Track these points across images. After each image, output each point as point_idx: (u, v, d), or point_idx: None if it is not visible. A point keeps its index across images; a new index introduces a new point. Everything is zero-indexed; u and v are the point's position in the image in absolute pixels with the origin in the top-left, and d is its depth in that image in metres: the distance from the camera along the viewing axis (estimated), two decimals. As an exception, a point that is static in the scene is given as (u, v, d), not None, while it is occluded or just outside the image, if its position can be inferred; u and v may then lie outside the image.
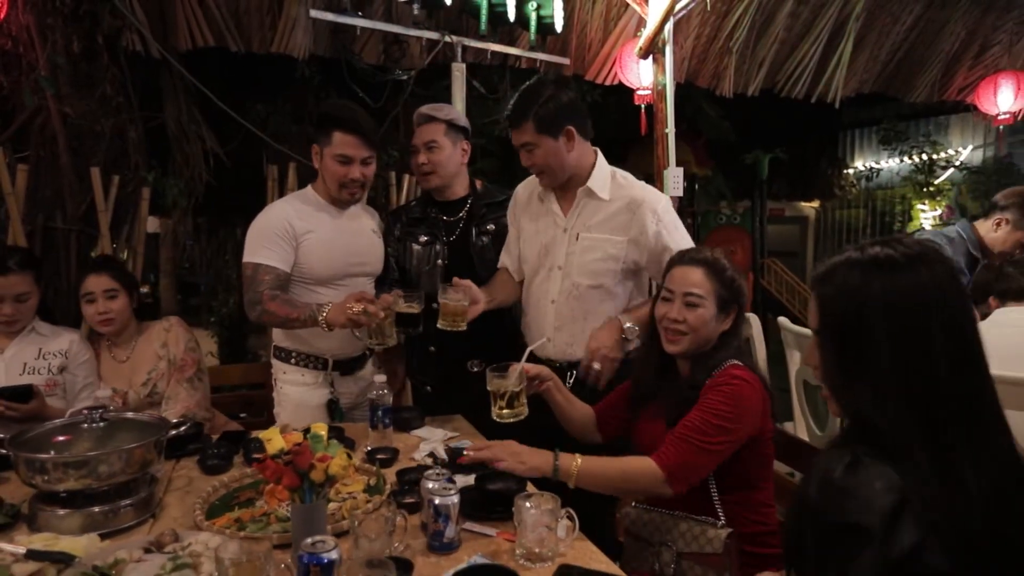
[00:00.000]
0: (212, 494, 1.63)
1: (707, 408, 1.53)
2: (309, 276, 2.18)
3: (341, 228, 2.24)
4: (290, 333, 2.26)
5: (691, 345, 1.65)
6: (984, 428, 0.93)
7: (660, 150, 3.49)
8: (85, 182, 3.07)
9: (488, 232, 2.35)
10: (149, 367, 2.29)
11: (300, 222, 2.16)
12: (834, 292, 1.00)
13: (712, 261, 1.67)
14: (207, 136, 3.80)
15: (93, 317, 2.26)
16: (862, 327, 0.95)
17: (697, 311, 1.63)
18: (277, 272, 2.11)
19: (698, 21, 4.20)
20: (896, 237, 1.05)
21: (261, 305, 2.06)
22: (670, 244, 2.00)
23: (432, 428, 2.18)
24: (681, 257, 1.71)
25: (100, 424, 1.53)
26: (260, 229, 2.16)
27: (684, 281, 1.66)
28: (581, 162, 2.03)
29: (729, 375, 1.57)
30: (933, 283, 0.94)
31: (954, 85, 5.18)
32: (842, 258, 1.02)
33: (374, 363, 2.45)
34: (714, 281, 1.64)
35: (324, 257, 2.19)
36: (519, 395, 1.71)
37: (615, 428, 1.88)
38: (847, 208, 10.58)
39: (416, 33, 3.25)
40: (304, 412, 2.26)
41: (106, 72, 3.19)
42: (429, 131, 2.29)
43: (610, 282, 2.05)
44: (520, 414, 1.72)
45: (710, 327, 1.64)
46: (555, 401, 1.86)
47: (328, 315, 1.96)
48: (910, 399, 0.91)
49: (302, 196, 2.28)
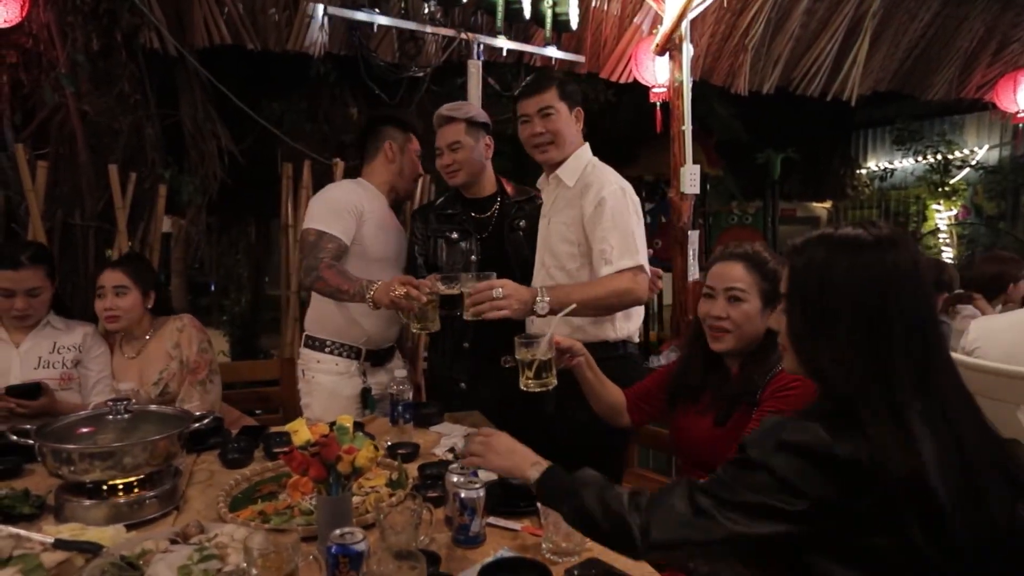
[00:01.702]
0: (234, 487, 1.63)
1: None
2: (363, 253, 2.27)
3: (388, 217, 2.41)
4: (326, 322, 2.32)
5: (737, 343, 1.63)
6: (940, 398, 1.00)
7: (676, 148, 3.47)
8: (103, 179, 3.09)
9: (520, 228, 2.35)
10: (161, 366, 2.28)
11: (366, 203, 2.30)
12: (803, 263, 1.08)
13: (752, 254, 1.65)
14: (222, 134, 3.80)
15: (100, 312, 2.26)
16: (824, 298, 1.04)
17: (741, 307, 1.61)
18: (339, 243, 2.19)
19: (713, 18, 4.18)
20: (871, 221, 1.13)
21: (317, 271, 2.10)
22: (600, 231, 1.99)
23: (451, 424, 2.18)
24: (720, 255, 1.69)
25: (125, 416, 1.53)
26: (331, 200, 2.28)
27: (724, 277, 1.64)
28: (572, 147, 2.14)
29: (788, 378, 1.54)
30: (895, 265, 1.02)
31: (972, 83, 5.13)
32: (816, 233, 1.10)
33: (400, 357, 2.48)
34: (756, 274, 1.62)
35: (379, 239, 2.32)
36: (548, 365, 1.69)
37: (647, 415, 1.87)
38: (860, 208, 10.48)
39: (432, 30, 3.25)
40: (337, 402, 2.28)
41: (124, 69, 3.21)
42: (450, 132, 2.31)
43: (572, 266, 2.09)
44: (548, 384, 1.70)
45: (755, 322, 1.62)
46: (585, 378, 1.85)
47: (375, 293, 1.99)
48: (866, 365, 1.00)
49: (362, 183, 2.42)
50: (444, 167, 2.33)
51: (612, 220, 2.02)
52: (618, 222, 2.02)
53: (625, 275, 2.00)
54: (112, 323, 2.26)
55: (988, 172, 8.28)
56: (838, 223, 1.12)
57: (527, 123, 2.15)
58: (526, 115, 2.14)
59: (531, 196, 2.43)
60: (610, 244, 2.00)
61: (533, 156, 2.22)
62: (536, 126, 2.11)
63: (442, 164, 2.34)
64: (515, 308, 1.84)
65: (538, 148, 2.15)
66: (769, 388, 1.58)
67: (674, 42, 3.48)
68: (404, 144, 2.42)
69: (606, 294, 1.98)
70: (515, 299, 1.84)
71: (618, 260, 1.99)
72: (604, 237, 2.01)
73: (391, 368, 2.43)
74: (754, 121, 8.49)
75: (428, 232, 2.38)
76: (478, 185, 2.38)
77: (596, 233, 2.03)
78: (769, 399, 1.56)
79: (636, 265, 2.01)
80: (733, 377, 1.68)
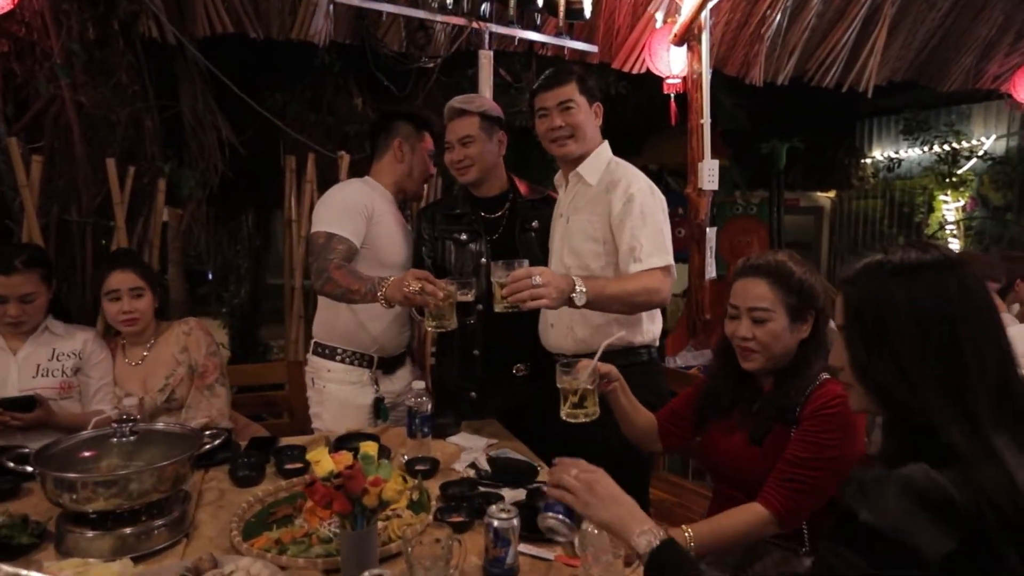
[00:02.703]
0: (247, 510, 1.53)
1: (815, 441, 1.43)
2: (374, 257, 2.17)
3: (398, 220, 2.31)
4: (334, 328, 2.23)
5: (767, 362, 1.54)
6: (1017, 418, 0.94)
7: (695, 142, 3.35)
8: (100, 173, 2.98)
9: (532, 229, 2.25)
10: (167, 371, 2.19)
11: (376, 204, 2.20)
12: (860, 294, 1.02)
13: (775, 267, 1.55)
14: (223, 125, 3.68)
15: (117, 316, 2.16)
16: (887, 329, 0.98)
17: (766, 326, 1.52)
18: (350, 244, 2.09)
19: (728, 6, 4.05)
20: (922, 241, 1.08)
21: (327, 272, 2.01)
22: (628, 228, 1.92)
23: (468, 435, 2.09)
24: (742, 268, 1.60)
25: (130, 439, 1.43)
26: (340, 201, 2.18)
27: (747, 295, 1.55)
28: (593, 143, 2.07)
29: (829, 394, 1.46)
30: (958, 287, 0.96)
31: (989, 73, 5.01)
32: (868, 261, 1.03)
33: (412, 362, 2.39)
34: (780, 290, 1.52)
35: (391, 242, 2.23)
36: (591, 394, 1.61)
37: (677, 438, 1.79)
38: (864, 199, 10.38)
39: (442, 19, 3.13)
40: (349, 413, 2.19)
41: (122, 59, 3.09)
42: (463, 125, 2.19)
43: (596, 265, 2.01)
44: (592, 414, 1.61)
45: (783, 340, 1.53)
46: (619, 404, 1.76)
47: (387, 290, 1.89)
48: (943, 394, 0.93)
49: (370, 184, 2.31)
50: (454, 163, 2.22)
51: (642, 217, 1.94)
52: (648, 220, 1.95)
53: (656, 273, 1.92)
54: (131, 326, 2.18)
55: (996, 163, 8.18)
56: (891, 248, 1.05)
57: (545, 117, 2.07)
58: (544, 108, 2.06)
59: (545, 195, 2.33)
60: (640, 242, 1.92)
61: (550, 150, 2.13)
62: (555, 120, 2.04)
63: (452, 159, 2.22)
64: (553, 297, 1.72)
65: (556, 142, 2.07)
66: (809, 406, 1.49)
67: (693, 32, 3.35)
68: (416, 143, 2.31)
69: (638, 290, 1.90)
70: (554, 287, 1.72)
71: (648, 258, 1.92)
72: (634, 235, 1.93)
73: (403, 375, 2.34)
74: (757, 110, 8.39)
75: (435, 233, 2.27)
76: (489, 183, 2.26)
77: (625, 231, 1.94)
78: (810, 418, 1.47)
79: (666, 265, 1.94)
80: (766, 394, 1.59)
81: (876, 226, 10.30)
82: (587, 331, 2.03)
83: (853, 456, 1.45)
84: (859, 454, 1.46)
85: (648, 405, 1.84)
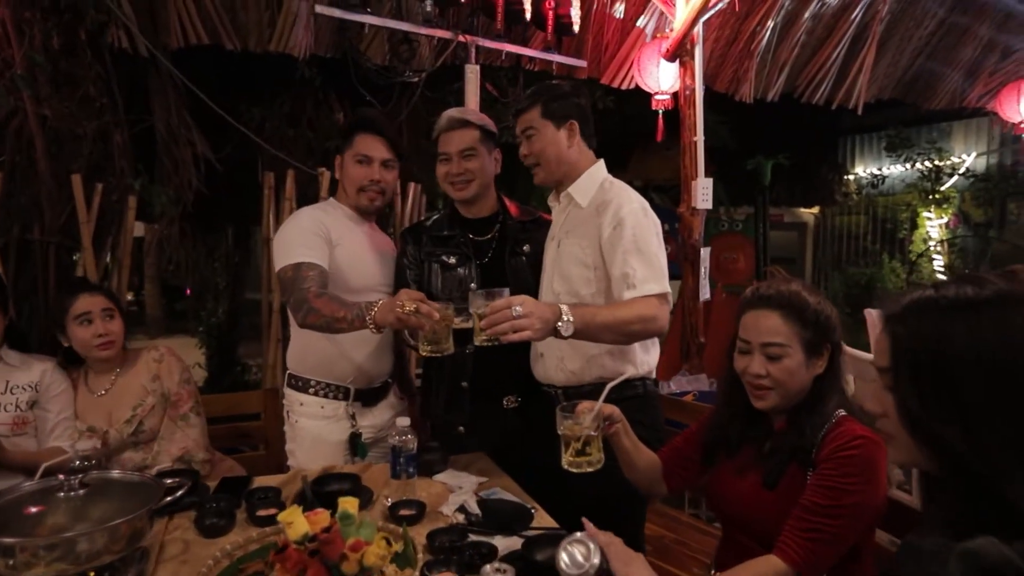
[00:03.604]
0: (213, 567, 1.38)
1: (834, 486, 1.31)
2: (341, 281, 2.02)
3: (366, 240, 2.14)
4: (308, 356, 2.09)
5: (781, 400, 1.43)
6: None
7: (688, 159, 3.26)
8: (65, 190, 2.83)
9: (523, 253, 2.12)
10: (134, 402, 2.04)
11: (333, 228, 2.05)
12: (911, 334, 0.91)
13: (788, 298, 1.43)
14: (198, 140, 3.53)
15: (91, 340, 2.00)
16: (945, 372, 0.87)
17: (781, 363, 1.41)
18: (320, 268, 1.95)
19: (718, 23, 4.00)
20: (976, 275, 0.96)
21: (308, 303, 1.86)
22: (620, 253, 1.80)
23: (457, 472, 1.95)
24: (752, 299, 1.48)
25: (78, 492, 1.28)
26: (295, 230, 2.04)
27: (759, 329, 1.43)
28: (578, 164, 1.95)
29: (848, 435, 1.34)
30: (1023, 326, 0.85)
31: (974, 92, 5.02)
32: (918, 296, 0.93)
33: (395, 394, 2.23)
34: (795, 323, 1.41)
35: (356, 266, 2.07)
36: (595, 439, 1.48)
37: (683, 480, 1.66)
38: (848, 215, 10.44)
39: (427, 32, 3.02)
40: (323, 449, 2.05)
41: (89, 71, 2.94)
42: (464, 137, 2.05)
43: (586, 292, 1.89)
44: (596, 463, 1.48)
45: (799, 377, 1.42)
46: (621, 446, 1.62)
47: (377, 314, 1.75)
48: (1007, 442, 0.83)
49: (326, 206, 2.18)
50: (453, 176, 2.06)
51: (634, 242, 1.82)
52: (640, 244, 1.82)
53: (651, 301, 1.79)
54: (107, 349, 2.03)
55: (977, 180, 8.25)
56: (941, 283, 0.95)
57: (520, 144, 2.00)
58: (517, 135, 2.00)
59: (536, 217, 2.20)
60: (633, 267, 1.80)
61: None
62: (522, 147, 1.97)
63: (450, 172, 2.06)
64: (537, 328, 1.59)
65: (531, 170, 2.00)
66: (826, 447, 1.38)
67: (685, 47, 3.28)
68: (345, 149, 2.13)
69: (632, 317, 1.76)
70: (537, 317, 1.59)
71: (642, 285, 1.79)
72: (626, 260, 1.80)
73: (385, 408, 2.18)
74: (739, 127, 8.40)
75: (421, 255, 2.12)
76: (481, 203, 2.13)
77: (616, 256, 1.82)
78: (828, 460, 1.36)
79: (662, 292, 1.82)
80: (779, 432, 1.48)
81: (860, 242, 10.34)
82: (579, 362, 1.91)
83: (876, 501, 1.34)
84: (882, 499, 1.35)
85: (645, 442, 1.72)
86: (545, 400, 1.99)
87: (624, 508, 1.87)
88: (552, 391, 1.97)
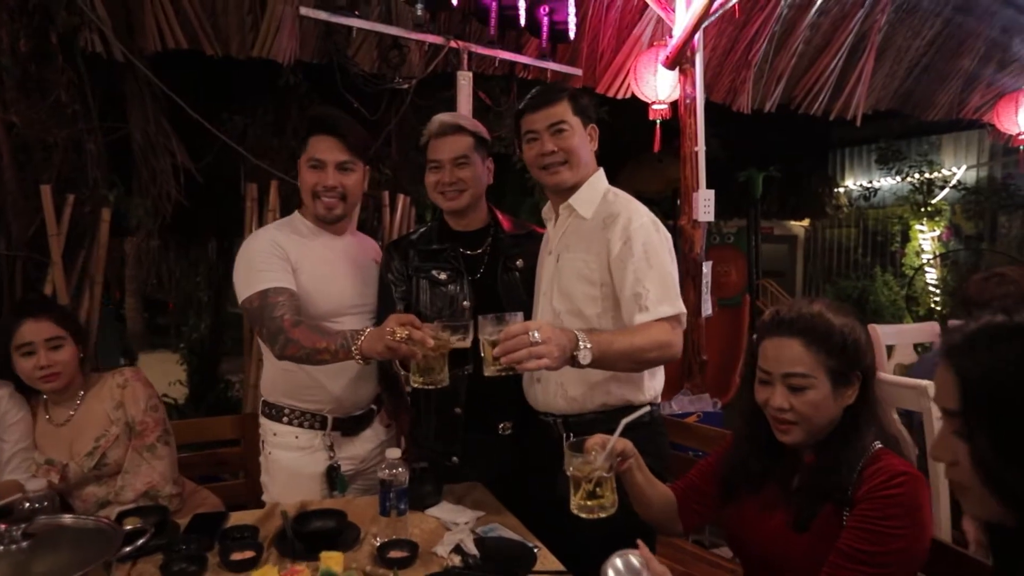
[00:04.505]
0: (179, 625, 1.23)
1: (876, 530, 1.18)
2: (309, 310, 1.82)
3: (337, 255, 1.93)
4: (280, 383, 1.91)
5: (807, 435, 1.30)
6: None
7: (688, 170, 3.15)
8: (33, 201, 2.66)
9: (516, 268, 1.97)
10: (97, 432, 1.88)
11: (292, 249, 1.85)
12: (981, 370, 0.81)
13: (811, 323, 1.30)
14: (178, 150, 3.38)
15: (32, 373, 1.84)
16: None
17: (805, 395, 1.28)
18: (289, 291, 1.77)
19: (715, 32, 3.91)
20: None
21: (284, 334, 1.68)
22: (631, 271, 1.66)
23: (451, 505, 1.80)
24: (771, 324, 1.34)
25: (22, 545, 1.12)
26: (252, 255, 1.84)
27: (780, 359, 1.30)
28: (587, 171, 1.82)
29: (888, 471, 1.21)
30: None
31: (971, 103, 4.97)
32: (985, 324, 0.81)
33: (382, 421, 2.06)
34: (819, 352, 1.28)
35: (322, 290, 1.87)
36: (608, 480, 1.33)
37: (700, 517, 1.52)
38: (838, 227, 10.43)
39: (418, 37, 2.90)
40: (298, 483, 1.88)
41: (60, 76, 2.78)
42: (457, 144, 1.90)
43: (590, 311, 1.75)
44: (610, 507, 1.33)
45: (826, 410, 1.29)
46: (634, 483, 1.48)
47: (363, 343, 1.59)
48: None
49: (288, 223, 1.97)
50: (445, 185, 1.91)
51: (646, 259, 1.68)
52: (653, 262, 1.69)
53: (664, 325, 1.66)
54: (51, 382, 1.86)
55: (968, 192, 8.25)
56: (1011, 307, 0.84)
57: (535, 141, 1.80)
58: (533, 132, 1.79)
59: (530, 231, 2.07)
60: (645, 287, 1.66)
61: (540, 179, 1.87)
62: (546, 144, 1.77)
63: (441, 181, 1.91)
64: (555, 356, 1.44)
65: (547, 170, 1.80)
66: (864, 484, 1.25)
67: (685, 54, 3.18)
68: (301, 154, 1.94)
69: (648, 344, 1.62)
70: (555, 344, 1.44)
71: (656, 307, 1.65)
72: (638, 279, 1.66)
73: (369, 437, 2.00)
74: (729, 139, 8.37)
75: (408, 270, 1.96)
76: (473, 215, 1.98)
77: (627, 274, 1.68)
78: (867, 500, 1.23)
79: (676, 314, 1.68)
80: (809, 467, 1.34)
81: (850, 255, 10.34)
82: (581, 389, 1.76)
83: (923, 545, 1.21)
84: (928, 543, 1.22)
85: (652, 472, 1.58)
86: (542, 427, 1.86)
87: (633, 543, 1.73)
88: (550, 420, 1.83)
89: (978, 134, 8.21)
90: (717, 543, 2.71)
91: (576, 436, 1.73)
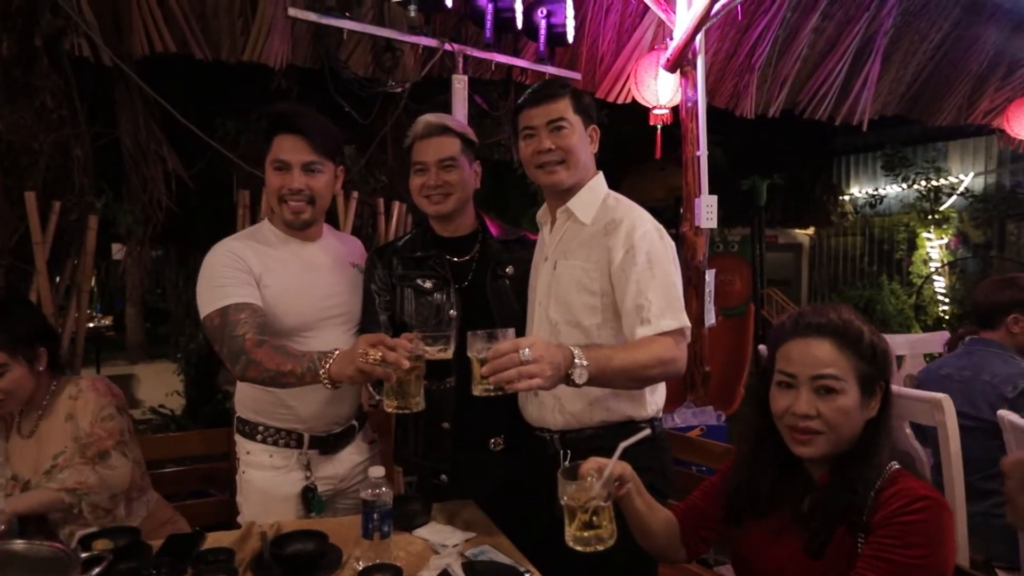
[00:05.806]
0: (139, 660, 1.14)
1: (896, 559, 1.09)
2: (275, 326, 1.71)
3: (306, 264, 1.81)
4: (250, 399, 1.81)
5: (830, 447, 1.21)
6: None
7: (690, 176, 3.08)
8: (18, 208, 2.59)
9: (506, 275, 1.88)
10: (56, 449, 1.79)
11: (256, 261, 1.74)
12: None
13: (843, 326, 1.22)
14: (168, 156, 3.32)
15: None
16: None
17: (835, 401, 1.19)
18: (253, 307, 1.65)
19: (717, 36, 3.84)
20: None
21: (246, 355, 1.57)
22: (634, 281, 1.58)
23: (439, 526, 1.71)
24: (796, 326, 1.26)
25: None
26: (210, 269, 1.73)
27: (808, 360, 1.21)
28: (586, 173, 1.74)
29: (907, 494, 1.12)
30: None
31: (980, 108, 4.89)
32: None
33: (364, 438, 1.96)
34: (851, 355, 1.20)
35: (290, 302, 1.75)
36: (606, 509, 1.23)
37: (705, 542, 1.42)
38: (843, 235, 10.34)
39: (412, 40, 2.84)
40: (272, 505, 1.77)
41: (46, 80, 2.72)
42: (444, 146, 1.82)
43: (588, 321, 1.66)
44: (608, 538, 1.23)
45: (853, 420, 1.19)
46: (633, 509, 1.37)
47: (332, 367, 1.49)
48: None
49: (253, 232, 1.86)
50: (430, 188, 1.82)
51: (650, 269, 1.59)
52: (657, 272, 1.60)
53: (667, 339, 1.56)
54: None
55: (976, 199, 8.16)
56: None
57: (532, 137, 1.70)
58: (531, 128, 1.70)
59: (521, 236, 1.98)
60: (648, 299, 1.57)
61: (535, 178, 1.77)
62: (544, 141, 1.67)
63: (427, 184, 1.82)
64: (548, 375, 1.34)
65: (543, 168, 1.71)
66: (882, 509, 1.15)
67: (686, 56, 3.10)
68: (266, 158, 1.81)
69: (651, 361, 1.53)
70: (547, 362, 1.34)
71: (658, 320, 1.56)
72: (640, 290, 1.57)
73: (349, 455, 1.89)
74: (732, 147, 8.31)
75: (392, 279, 1.87)
76: (459, 220, 1.89)
77: (629, 284, 1.59)
78: (886, 526, 1.13)
79: (680, 327, 1.59)
80: (823, 488, 1.25)
81: (856, 263, 10.24)
82: (580, 404, 1.67)
83: (946, 574, 1.11)
84: (952, 572, 1.13)
85: (655, 490, 1.49)
86: (536, 442, 1.77)
87: (634, 568, 1.63)
88: (546, 435, 1.73)
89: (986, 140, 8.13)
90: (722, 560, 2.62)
91: (574, 452, 1.65)
